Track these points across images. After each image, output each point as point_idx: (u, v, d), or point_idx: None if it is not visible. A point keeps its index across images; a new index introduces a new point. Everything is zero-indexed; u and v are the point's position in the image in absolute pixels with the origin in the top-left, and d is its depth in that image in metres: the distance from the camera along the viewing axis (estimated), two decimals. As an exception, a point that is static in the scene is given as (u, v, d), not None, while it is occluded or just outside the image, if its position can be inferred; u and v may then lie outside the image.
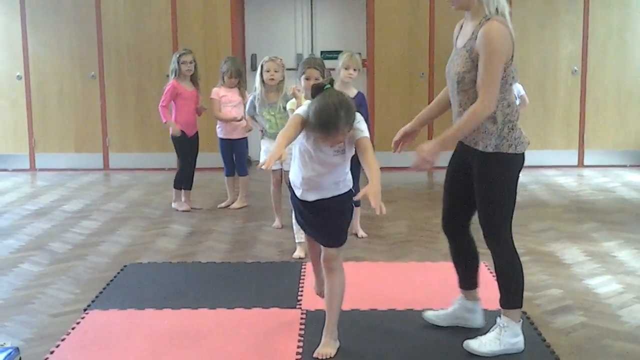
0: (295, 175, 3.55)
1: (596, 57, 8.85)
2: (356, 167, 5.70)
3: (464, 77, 3.48)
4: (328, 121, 3.20)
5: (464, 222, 3.79)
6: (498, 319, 3.60)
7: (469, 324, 3.86)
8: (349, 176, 3.61)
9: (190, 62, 6.68)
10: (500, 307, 3.62)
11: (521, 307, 3.60)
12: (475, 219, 3.68)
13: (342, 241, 3.60)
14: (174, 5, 8.77)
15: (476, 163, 3.54)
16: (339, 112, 3.20)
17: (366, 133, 3.37)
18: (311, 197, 3.52)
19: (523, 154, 3.54)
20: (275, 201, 6.12)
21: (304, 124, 3.30)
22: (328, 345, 3.54)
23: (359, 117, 3.38)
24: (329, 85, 3.36)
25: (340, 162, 3.44)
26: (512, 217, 3.58)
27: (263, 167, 3.08)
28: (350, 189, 3.61)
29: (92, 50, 8.94)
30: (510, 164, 3.51)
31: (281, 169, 5.99)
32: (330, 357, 3.50)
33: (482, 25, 3.41)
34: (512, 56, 3.47)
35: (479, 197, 3.55)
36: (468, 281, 3.86)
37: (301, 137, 3.40)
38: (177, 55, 6.69)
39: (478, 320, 3.87)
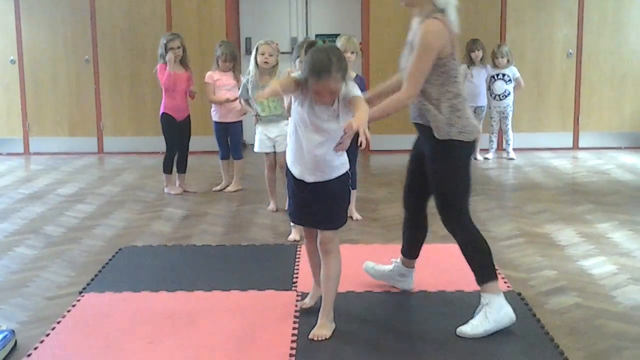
0: (292, 153, 3.56)
1: (591, 40, 8.84)
2: (353, 151, 5.72)
3: None
4: (320, 64, 3.30)
5: (422, 200, 4.02)
6: (481, 299, 3.66)
7: (397, 286, 4.17)
8: (345, 157, 3.60)
9: (178, 47, 6.64)
10: (479, 287, 3.69)
11: (496, 279, 3.69)
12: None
13: (339, 223, 3.62)
14: (167, -12, 8.76)
15: (428, 149, 3.70)
16: (330, 58, 3.32)
17: (360, 93, 3.43)
18: (309, 177, 3.51)
19: (472, 142, 3.64)
20: (269, 184, 6.12)
21: (298, 84, 3.38)
22: (324, 327, 3.55)
23: (353, 82, 3.49)
24: (321, 42, 3.53)
25: (334, 129, 3.43)
26: (467, 201, 3.71)
27: (259, 98, 3.24)
28: (347, 172, 3.60)
29: (86, 34, 8.91)
30: (459, 151, 3.62)
31: (274, 152, 5.99)
32: (326, 339, 3.51)
33: (422, 22, 3.56)
34: (453, 53, 3.59)
35: (432, 183, 3.72)
36: (412, 252, 4.13)
37: (295, 108, 3.46)
38: (165, 41, 6.61)
39: (407, 284, 4.17)
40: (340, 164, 3.57)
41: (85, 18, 8.88)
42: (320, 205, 3.55)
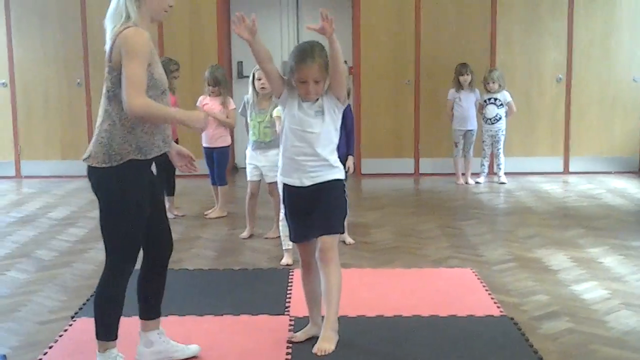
0: (286, 166, 3.66)
1: (580, 64, 8.91)
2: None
3: None
4: (303, 51, 3.57)
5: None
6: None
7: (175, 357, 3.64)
8: (340, 164, 3.70)
9: (177, 76, 6.69)
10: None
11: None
12: None
13: (338, 228, 3.66)
14: (160, 12, 8.76)
15: None
16: (313, 46, 3.60)
17: None
18: (307, 181, 3.59)
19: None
20: (249, 210, 6.10)
21: (284, 81, 3.61)
22: (328, 339, 3.57)
23: None
24: None
25: (321, 126, 3.57)
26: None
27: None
28: (343, 182, 3.69)
29: (78, 58, 8.92)
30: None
31: (259, 181, 5.97)
32: (329, 353, 3.51)
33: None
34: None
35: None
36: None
37: (284, 117, 3.64)
38: (171, 70, 6.56)
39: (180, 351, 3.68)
40: (335, 165, 3.64)
41: (77, 41, 8.89)
42: (320, 210, 3.59)
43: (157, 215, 3.44)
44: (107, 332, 3.35)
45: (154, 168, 3.53)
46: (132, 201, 3.23)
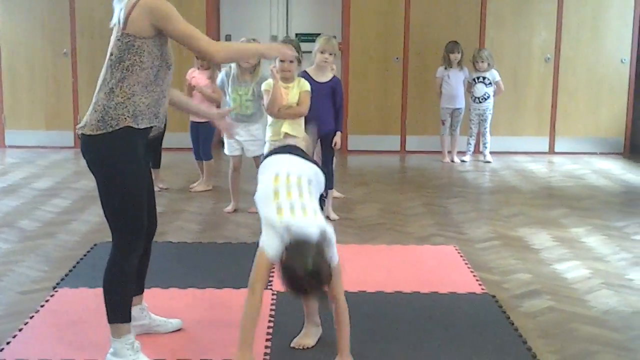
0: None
1: (569, 45, 8.92)
2: (329, 150, 5.74)
3: None
4: (297, 288, 2.95)
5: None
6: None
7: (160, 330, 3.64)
8: None
9: None
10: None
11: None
12: None
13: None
14: (148, -17, 8.68)
15: None
16: (310, 282, 2.89)
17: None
18: None
19: None
20: (232, 184, 6.10)
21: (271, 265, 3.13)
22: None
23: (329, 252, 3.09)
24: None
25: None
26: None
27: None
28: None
29: (65, 27, 8.84)
30: None
31: (241, 155, 5.97)
32: None
33: None
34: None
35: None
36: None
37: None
38: None
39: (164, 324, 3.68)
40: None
41: (64, 11, 8.81)
42: None
43: (149, 190, 3.38)
44: (121, 314, 3.22)
45: None
46: (130, 171, 3.14)
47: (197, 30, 3.17)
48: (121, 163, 3.13)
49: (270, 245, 3.08)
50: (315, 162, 3.50)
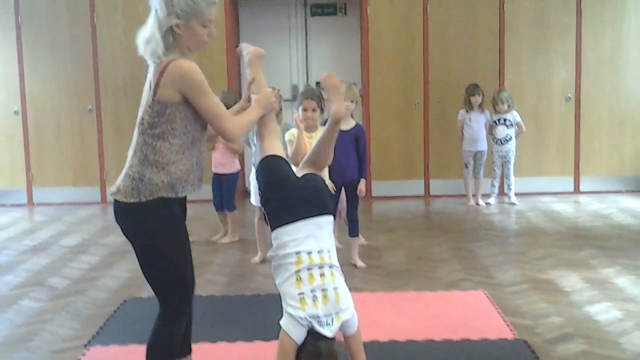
0: None
1: (589, 84, 8.92)
2: (353, 197, 5.75)
3: None
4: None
5: None
6: None
7: None
8: None
9: None
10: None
11: None
12: None
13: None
14: (169, 38, 8.82)
15: None
16: None
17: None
18: None
19: None
20: (259, 234, 6.10)
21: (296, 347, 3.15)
22: None
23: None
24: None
25: None
26: None
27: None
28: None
29: (89, 85, 8.99)
30: None
31: None
32: None
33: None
34: None
35: None
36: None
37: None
38: None
39: None
40: None
41: (88, 68, 8.96)
42: None
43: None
44: None
45: None
46: (168, 237, 3.07)
47: (222, 110, 3.10)
48: (158, 231, 3.06)
49: (295, 333, 3.10)
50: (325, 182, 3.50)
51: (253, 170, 6.05)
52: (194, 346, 4.12)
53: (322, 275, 3.13)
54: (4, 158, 9.11)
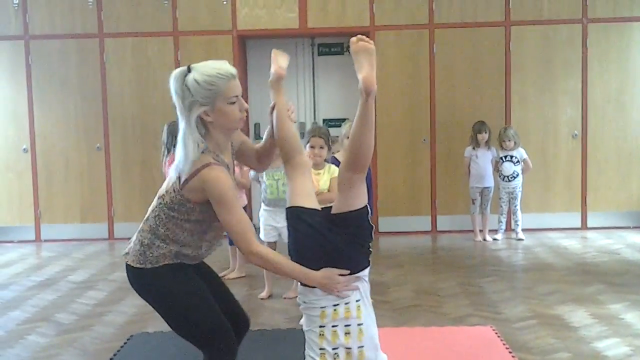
0: None
1: (596, 121, 8.96)
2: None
3: None
4: None
5: None
6: None
7: None
8: None
9: None
10: None
11: None
12: None
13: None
14: (178, 76, 8.90)
15: None
16: None
17: None
18: None
19: None
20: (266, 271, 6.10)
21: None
22: None
23: None
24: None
25: None
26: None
27: None
28: None
29: (98, 123, 9.06)
30: None
31: (276, 241, 5.96)
32: None
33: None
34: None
35: None
36: None
37: None
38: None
39: None
40: None
41: (97, 106, 9.05)
42: None
43: (217, 289, 3.31)
44: None
45: None
46: (182, 293, 3.06)
47: (243, 229, 2.95)
48: (167, 295, 3.07)
49: None
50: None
51: (262, 205, 6.09)
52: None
53: (347, 333, 2.97)
54: (12, 195, 9.16)
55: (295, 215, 3.05)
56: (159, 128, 8.84)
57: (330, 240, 2.96)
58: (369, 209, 3.04)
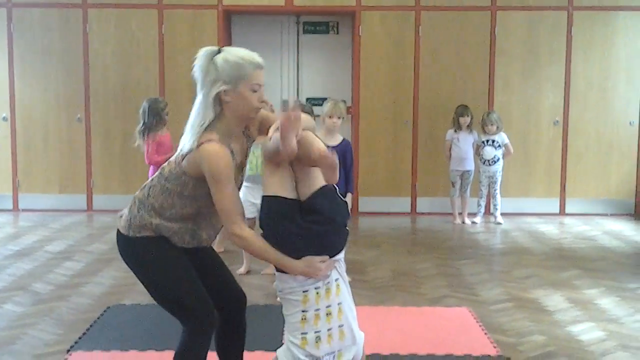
0: None
1: (577, 108, 9.00)
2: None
3: None
4: None
5: None
6: None
7: None
8: None
9: (168, 112, 6.64)
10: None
11: None
12: None
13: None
14: (161, 51, 8.85)
15: None
16: None
17: None
18: None
19: None
20: None
21: None
22: None
23: None
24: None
25: None
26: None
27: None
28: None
29: (79, 93, 8.99)
30: None
31: (255, 217, 5.93)
32: None
33: None
34: None
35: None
36: None
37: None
38: (162, 107, 6.53)
39: None
40: None
41: (78, 77, 8.97)
42: None
43: (210, 266, 3.32)
44: None
45: None
46: (160, 265, 3.07)
47: (231, 208, 2.92)
48: (149, 262, 3.08)
49: None
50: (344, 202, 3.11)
51: (244, 183, 6.06)
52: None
53: (328, 314, 2.97)
54: (-10, 164, 9.09)
55: (272, 205, 2.99)
56: (140, 101, 8.71)
57: (307, 228, 2.93)
58: (334, 186, 3.03)
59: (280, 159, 2.91)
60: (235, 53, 2.98)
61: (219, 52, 3.00)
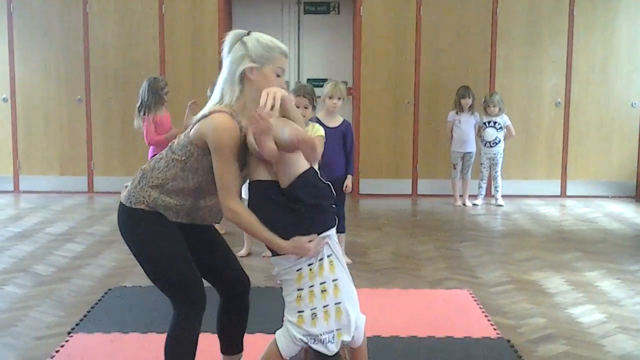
0: None
1: (579, 90, 8.97)
2: (340, 194, 5.75)
3: None
4: None
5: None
6: None
7: None
8: None
9: (167, 91, 6.63)
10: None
11: None
12: None
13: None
14: (162, 31, 8.82)
15: None
16: None
17: None
18: None
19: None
20: None
21: None
22: None
23: None
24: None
25: None
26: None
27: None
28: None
29: (80, 75, 8.96)
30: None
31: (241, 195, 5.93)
32: None
33: None
34: None
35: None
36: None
37: None
38: (162, 87, 6.54)
39: None
40: None
41: (79, 58, 8.94)
42: None
43: (210, 246, 3.31)
44: None
45: None
46: (152, 241, 3.06)
47: (228, 183, 2.93)
48: (141, 235, 3.08)
49: (285, 350, 3.02)
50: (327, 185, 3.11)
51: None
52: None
53: (323, 291, 2.98)
54: (-9, 145, 9.08)
55: (259, 189, 3.02)
56: (141, 82, 8.71)
57: (292, 209, 2.95)
58: (315, 170, 3.04)
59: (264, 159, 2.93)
60: (265, 37, 3.07)
61: (248, 34, 3.08)
